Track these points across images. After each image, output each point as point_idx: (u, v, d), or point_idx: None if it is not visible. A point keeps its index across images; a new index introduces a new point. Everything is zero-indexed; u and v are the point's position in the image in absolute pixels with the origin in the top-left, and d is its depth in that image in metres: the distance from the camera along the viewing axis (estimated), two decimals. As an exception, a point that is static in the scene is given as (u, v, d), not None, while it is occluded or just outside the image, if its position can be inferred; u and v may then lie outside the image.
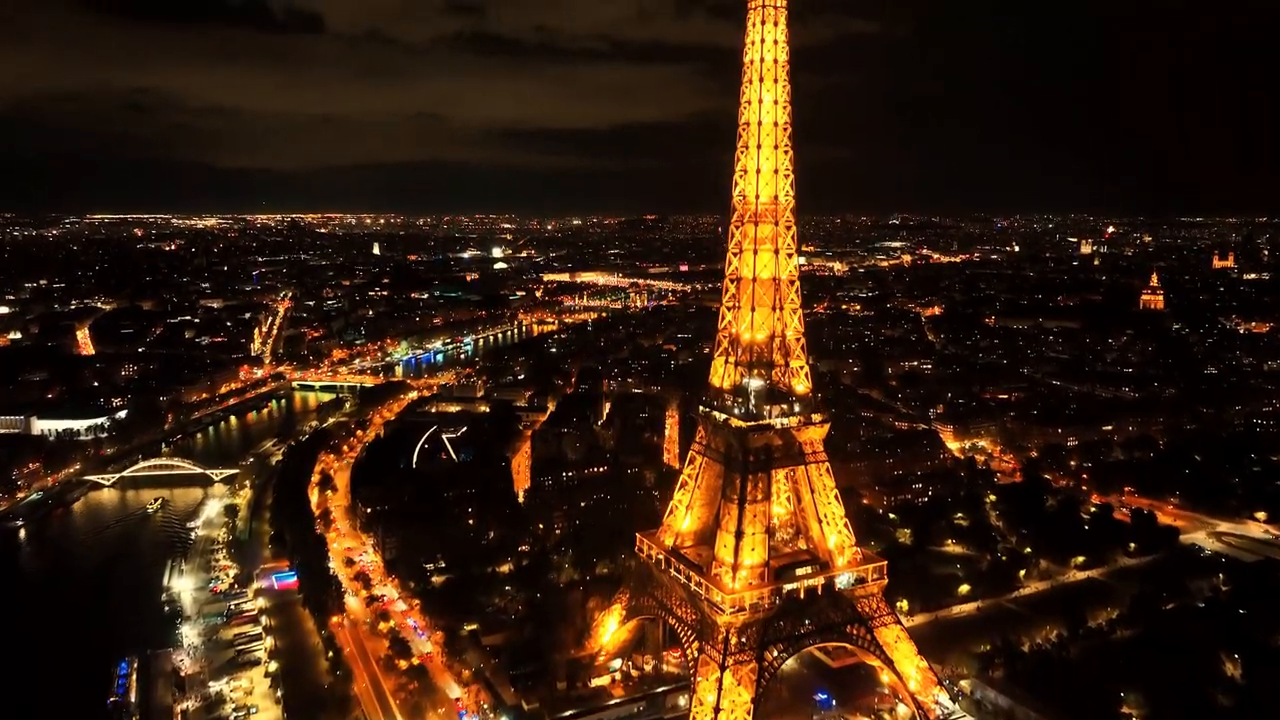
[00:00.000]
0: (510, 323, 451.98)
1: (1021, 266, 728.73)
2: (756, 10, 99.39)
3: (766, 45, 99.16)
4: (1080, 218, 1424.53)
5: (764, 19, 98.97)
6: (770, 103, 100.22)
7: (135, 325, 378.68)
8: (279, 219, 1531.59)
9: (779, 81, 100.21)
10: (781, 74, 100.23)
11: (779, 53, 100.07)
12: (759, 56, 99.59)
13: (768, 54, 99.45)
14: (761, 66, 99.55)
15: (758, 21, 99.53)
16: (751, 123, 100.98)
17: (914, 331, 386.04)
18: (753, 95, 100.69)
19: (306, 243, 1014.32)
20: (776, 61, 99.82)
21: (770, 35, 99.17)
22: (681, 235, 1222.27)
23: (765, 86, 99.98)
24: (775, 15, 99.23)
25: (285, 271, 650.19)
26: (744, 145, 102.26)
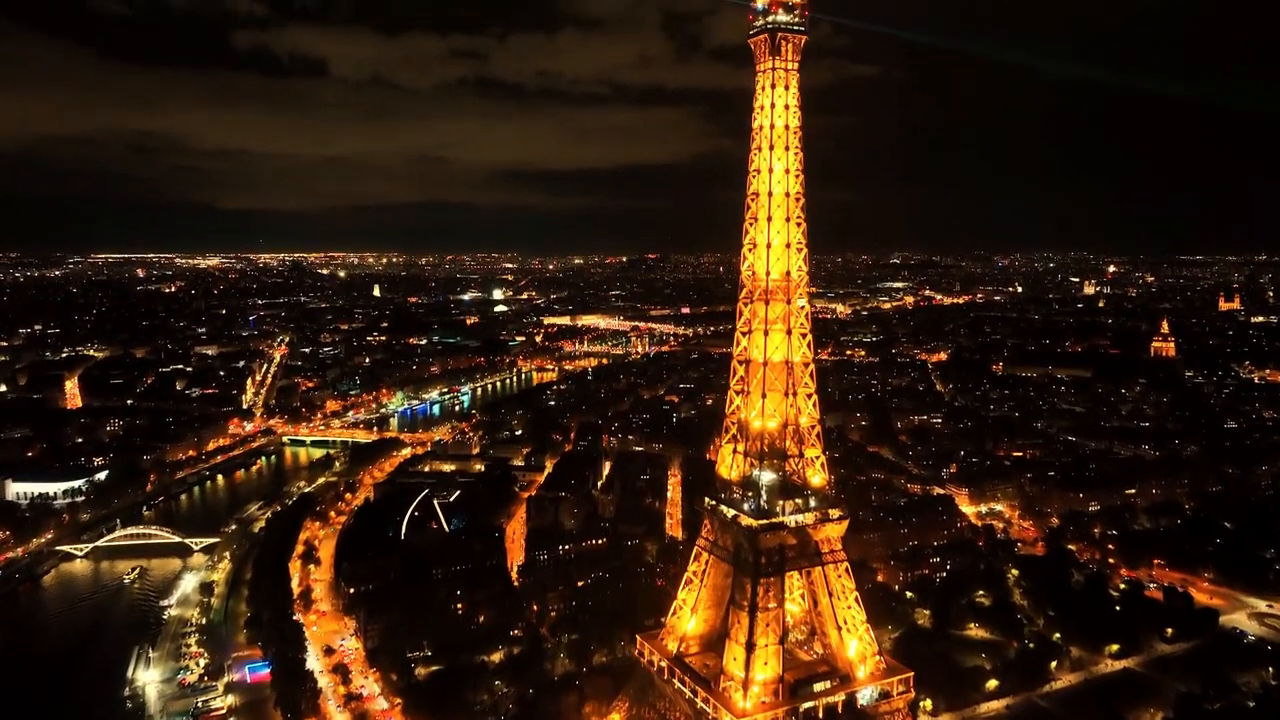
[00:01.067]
0: (509, 370, 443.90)
1: (1025, 308, 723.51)
2: (765, 73, 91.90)
3: (777, 111, 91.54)
4: (1081, 256, 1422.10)
5: (774, 82, 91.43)
6: (781, 172, 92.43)
7: (126, 375, 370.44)
8: (281, 259, 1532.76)
9: (791, 149, 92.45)
10: (794, 141, 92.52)
11: (790, 118, 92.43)
12: (769, 123, 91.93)
13: (778, 120, 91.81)
14: (772, 134, 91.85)
15: (766, 85, 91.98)
16: (761, 193, 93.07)
17: (921, 380, 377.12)
18: (762, 164, 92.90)
19: (307, 284, 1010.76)
20: (788, 128, 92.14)
21: (782, 100, 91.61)
22: (683, 275, 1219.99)
23: (776, 155, 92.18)
24: (786, 78, 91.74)
25: (284, 315, 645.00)
26: (753, 217, 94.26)
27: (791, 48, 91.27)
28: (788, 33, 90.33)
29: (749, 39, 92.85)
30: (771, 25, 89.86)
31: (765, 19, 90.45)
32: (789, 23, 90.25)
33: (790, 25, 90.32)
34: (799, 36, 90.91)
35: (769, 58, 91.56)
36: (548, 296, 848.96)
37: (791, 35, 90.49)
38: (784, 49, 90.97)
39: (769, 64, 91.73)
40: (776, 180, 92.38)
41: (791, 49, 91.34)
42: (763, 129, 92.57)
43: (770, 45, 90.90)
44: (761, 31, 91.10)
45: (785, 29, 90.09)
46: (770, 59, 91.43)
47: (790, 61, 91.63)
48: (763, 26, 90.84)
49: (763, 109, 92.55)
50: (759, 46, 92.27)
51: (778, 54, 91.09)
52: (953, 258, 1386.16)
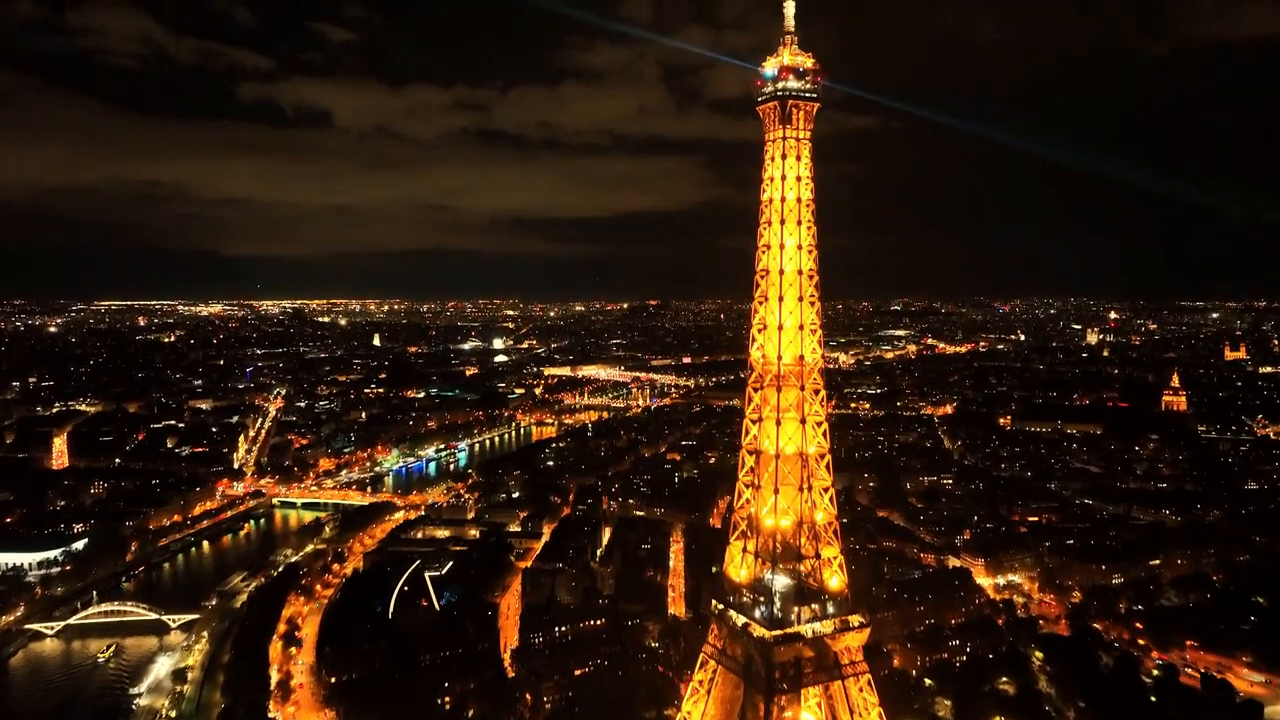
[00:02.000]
0: (508, 425, 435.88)
1: (1030, 358, 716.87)
2: (775, 143, 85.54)
3: (789, 183, 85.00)
4: (1081, 302, 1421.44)
5: (785, 152, 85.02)
6: (794, 248, 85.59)
7: (116, 432, 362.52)
8: (283, 306, 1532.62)
9: (804, 224, 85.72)
10: (807, 215, 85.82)
11: (803, 190, 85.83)
12: (779, 195, 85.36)
13: (790, 192, 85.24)
14: (783, 207, 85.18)
15: (776, 155, 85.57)
16: (771, 270, 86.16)
17: (928, 436, 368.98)
18: (772, 239, 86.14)
19: (307, 333, 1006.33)
20: (800, 201, 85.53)
21: (793, 171, 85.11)
22: (684, 322, 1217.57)
23: (788, 229, 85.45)
24: (798, 148, 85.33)
25: (282, 366, 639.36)
26: (762, 296, 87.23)
27: (803, 116, 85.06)
28: (799, 100, 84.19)
29: (757, 106, 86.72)
30: (782, 92, 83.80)
31: (775, 86, 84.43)
32: (800, 89, 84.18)
33: (802, 92, 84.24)
34: (811, 104, 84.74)
35: (779, 126, 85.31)
36: (548, 346, 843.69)
37: (803, 103, 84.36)
38: (795, 117, 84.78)
39: (779, 133, 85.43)
40: (788, 257, 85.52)
41: (803, 117, 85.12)
42: (773, 202, 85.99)
43: (780, 113, 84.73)
44: (771, 99, 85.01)
45: (796, 96, 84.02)
46: (780, 127, 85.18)
47: (802, 130, 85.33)
48: (772, 94, 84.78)
49: (772, 180, 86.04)
50: (768, 114, 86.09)
51: (788, 122, 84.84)
52: (953, 304, 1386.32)
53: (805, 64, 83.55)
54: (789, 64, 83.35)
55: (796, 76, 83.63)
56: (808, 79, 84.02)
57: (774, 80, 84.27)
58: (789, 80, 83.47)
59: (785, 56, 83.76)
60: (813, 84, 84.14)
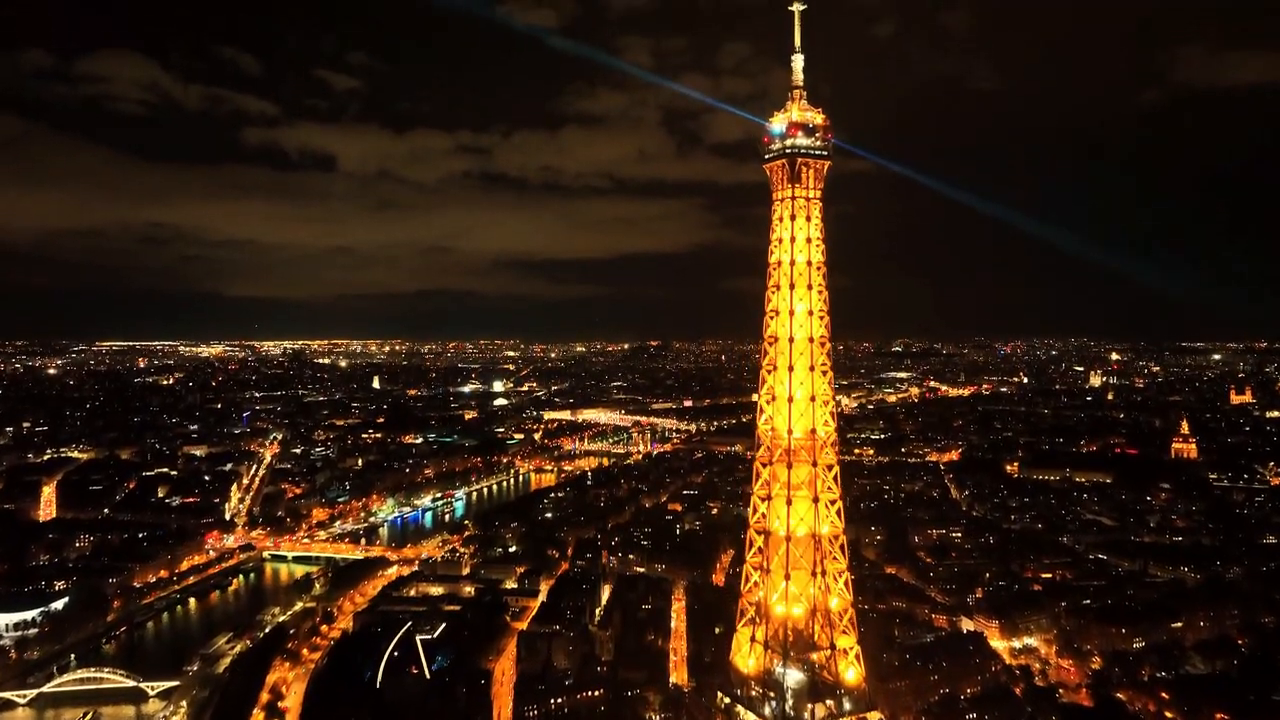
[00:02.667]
0: (506, 472, 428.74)
1: (1034, 401, 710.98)
2: (784, 202, 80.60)
3: (798, 245, 79.89)
4: (1082, 343, 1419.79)
5: (794, 213, 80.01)
6: (804, 314, 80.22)
7: (107, 480, 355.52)
8: (284, 347, 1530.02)
9: (814, 288, 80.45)
10: (818, 279, 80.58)
11: (814, 252, 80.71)
12: (789, 258, 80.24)
13: (799, 255, 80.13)
14: (793, 270, 79.98)
15: (785, 215, 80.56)
16: (780, 338, 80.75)
17: (935, 485, 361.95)
18: (781, 304, 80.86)
19: (307, 375, 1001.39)
20: (811, 263, 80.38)
21: (803, 232, 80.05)
22: (685, 364, 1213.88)
23: (798, 294, 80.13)
24: (808, 208, 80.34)
25: (280, 410, 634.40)
26: (771, 364, 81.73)
27: (813, 174, 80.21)
28: (809, 158, 79.32)
29: (764, 164, 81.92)
30: (791, 150, 79.04)
31: (783, 143, 79.70)
32: (810, 147, 79.44)
33: (811, 150, 79.48)
34: (822, 162, 79.85)
35: (788, 185, 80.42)
36: (548, 389, 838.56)
37: (814, 161, 79.48)
38: (805, 176, 79.92)
39: (788, 192, 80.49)
40: (799, 323, 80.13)
41: (813, 175, 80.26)
42: (781, 265, 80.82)
43: (789, 172, 79.89)
44: (779, 157, 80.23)
45: (806, 154, 79.17)
46: (789, 186, 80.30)
47: (812, 189, 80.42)
48: (780, 151, 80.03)
49: (781, 242, 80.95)
50: (776, 172, 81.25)
51: (798, 181, 79.98)
52: (954, 345, 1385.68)
53: (815, 120, 78.91)
54: (798, 120, 78.78)
55: (806, 133, 79.01)
56: (818, 136, 79.39)
57: (782, 137, 79.69)
58: (798, 137, 78.86)
59: (794, 112, 79.22)
60: (823, 141, 79.51)
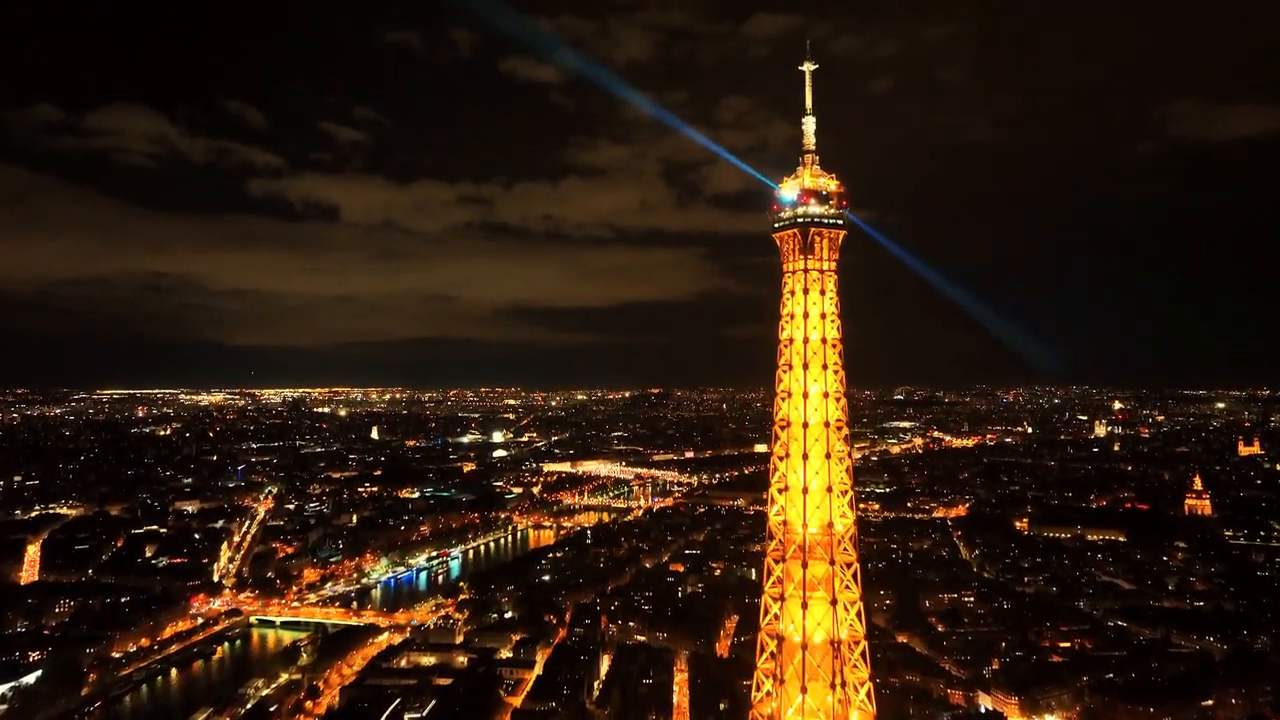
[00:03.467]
0: (504, 529, 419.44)
1: (1039, 452, 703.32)
2: (795, 275, 74.53)
3: (811, 322, 73.60)
4: (1084, 391, 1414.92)
5: (806, 286, 73.89)
6: (819, 396, 73.66)
7: (94, 539, 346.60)
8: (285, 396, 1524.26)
9: (830, 368, 74.00)
10: (833, 357, 74.20)
11: (828, 329, 74.42)
12: (801, 336, 73.87)
13: (813, 332, 73.80)
14: (806, 349, 73.57)
15: (797, 290, 74.45)
16: (793, 422, 74.10)
17: (943, 543, 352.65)
18: (794, 385, 74.32)
19: (305, 425, 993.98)
20: (826, 341, 74.04)
21: (817, 308, 73.85)
22: (686, 413, 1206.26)
23: (812, 375, 73.64)
24: (822, 281, 74.26)
25: (276, 462, 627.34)
26: (783, 450, 75.00)
27: (828, 245, 74.29)
28: (823, 228, 73.41)
29: (773, 233, 76.02)
30: (803, 219, 73.12)
31: (795, 211, 73.80)
32: (824, 216, 73.56)
33: (824, 219, 73.54)
34: (837, 232, 73.91)
35: (799, 256, 74.43)
36: (549, 439, 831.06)
37: (828, 230, 73.55)
38: (818, 246, 73.98)
39: (799, 264, 74.45)
40: (813, 407, 73.48)
41: (828, 246, 74.34)
42: (793, 343, 74.40)
43: (801, 242, 73.96)
44: (790, 226, 74.31)
45: (820, 224, 73.22)
46: (801, 258, 74.29)
47: (826, 261, 74.46)
48: (791, 220, 74.10)
49: (792, 318, 74.64)
50: (786, 243, 75.34)
51: (810, 252, 74.02)
52: (956, 393, 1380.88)
53: (829, 187, 73.26)
54: (810, 187, 73.12)
55: (819, 201, 73.33)
56: (832, 204, 73.67)
57: (793, 205, 73.94)
58: (810, 205, 73.13)
59: (806, 178, 73.60)
60: (838, 209, 73.76)
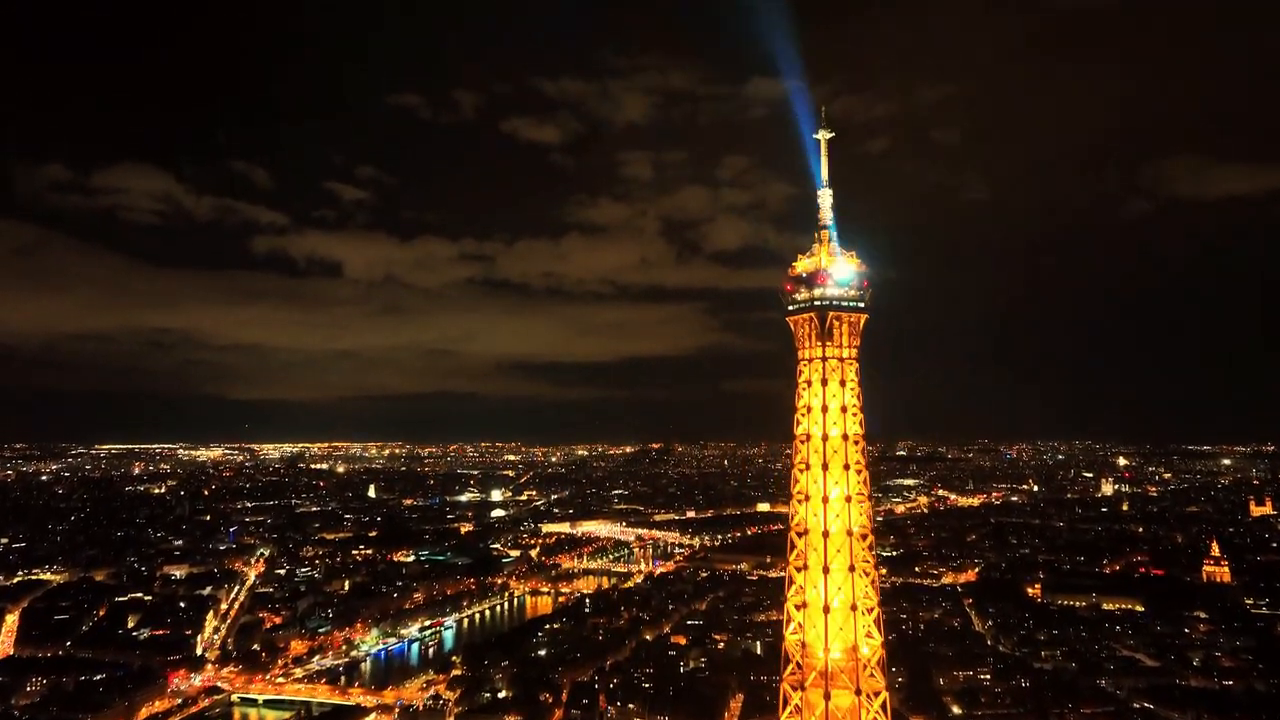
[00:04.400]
0: (500, 595, 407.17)
1: (1047, 512, 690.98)
2: (812, 364, 67.19)
3: (831, 416, 65.94)
4: (1087, 446, 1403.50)
5: (825, 377, 66.39)
6: (840, 500, 65.74)
7: (75, 608, 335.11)
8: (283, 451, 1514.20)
9: (852, 468, 66.17)
10: (855, 455, 66.56)
11: (850, 423, 66.87)
12: (820, 432, 66.19)
13: (833, 428, 66.20)
14: (825, 447, 65.83)
15: (815, 380, 67.10)
16: (812, 530, 66.32)
17: (954, 612, 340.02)
18: (810, 486, 66.54)
19: (302, 483, 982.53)
20: (848, 438, 66.42)
21: (837, 400, 66.31)
22: (687, 469, 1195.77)
23: (833, 476, 65.77)
24: (842, 370, 66.80)
25: (270, 522, 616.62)
26: (800, 562, 66.95)
27: (848, 330, 66.95)
28: (843, 311, 66.18)
29: (787, 316, 68.74)
30: (821, 302, 66.03)
31: (811, 294, 66.72)
32: (843, 299, 66.35)
33: (845, 302, 66.38)
34: (858, 315, 66.66)
35: (817, 343, 67.19)
36: (548, 498, 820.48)
37: (848, 315, 66.31)
38: (838, 332, 66.67)
39: (817, 351, 67.13)
40: (835, 513, 65.49)
41: (848, 331, 67.04)
42: (810, 439, 66.82)
43: (819, 327, 66.74)
44: (806, 309, 67.11)
45: (839, 307, 66.01)
46: (819, 344, 67.04)
47: (846, 348, 67.12)
48: (808, 303, 67.01)
49: (809, 412, 67.12)
50: (802, 327, 68.16)
51: (829, 339, 66.63)
52: (959, 449, 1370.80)
53: (850, 266, 66.25)
54: (828, 266, 66.12)
55: (838, 282, 66.28)
56: (853, 285, 66.62)
57: (808, 284, 66.89)
58: (828, 287, 66.16)
59: (823, 257, 66.67)
60: (860, 291, 66.67)
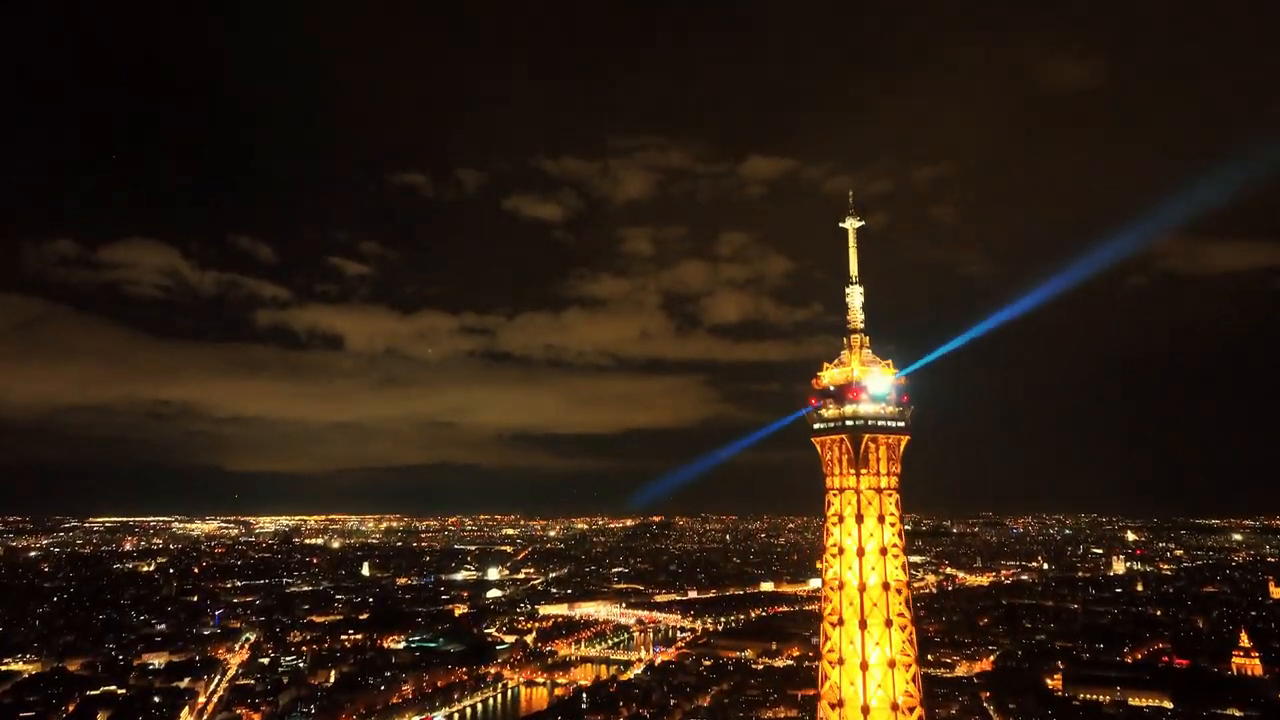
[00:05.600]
0: (494, 687, 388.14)
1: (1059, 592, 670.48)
2: (844, 495, 56.75)
3: (869, 560, 55.22)
4: (1093, 519, 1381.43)
5: (860, 512, 55.80)
6: (883, 664, 54.67)
7: (44, 703, 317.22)
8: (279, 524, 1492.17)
9: (895, 624, 55.19)
10: (898, 606, 55.68)
11: (891, 568, 56.48)
12: (856, 580, 55.47)
13: (871, 572, 55.53)
14: (862, 598, 55.07)
15: (848, 515, 56.80)
16: (848, 701, 54.76)
17: (972, 709, 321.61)
18: (842, 644, 55.56)
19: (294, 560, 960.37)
20: (889, 586, 55.81)
21: (875, 538, 55.72)
22: (688, 544, 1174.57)
23: (872, 634, 54.75)
24: (881, 503, 56.26)
25: (258, 603, 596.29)
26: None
27: (886, 454, 56.60)
28: (880, 433, 55.82)
29: (814, 437, 58.41)
30: (855, 423, 55.90)
31: (841, 411, 56.79)
32: (879, 417, 56.18)
33: (882, 422, 56.08)
34: (898, 437, 56.25)
35: (849, 470, 57.10)
36: (546, 576, 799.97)
37: (886, 436, 55.94)
38: (874, 457, 56.18)
39: (850, 480, 57.21)
40: (876, 683, 54.17)
41: (886, 456, 56.62)
42: (844, 587, 56.94)
43: (852, 452, 56.46)
44: (835, 430, 56.78)
45: (875, 428, 55.72)
46: (852, 473, 56.99)
47: (885, 475, 56.66)
48: (838, 422, 57.24)
49: (841, 553, 57.12)
50: (830, 450, 57.95)
51: (864, 465, 56.39)
52: (965, 522, 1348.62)
53: (886, 378, 56.21)
54: (861, 379, 56.12)
55: (874, 397, 56.19)
56: (891, 400, 56.43)
57: (839, 400, 56.72)
58: (862, 403, 56.24)
59: (855, 366, 56.95)
60: (899, 406, 56.36)
